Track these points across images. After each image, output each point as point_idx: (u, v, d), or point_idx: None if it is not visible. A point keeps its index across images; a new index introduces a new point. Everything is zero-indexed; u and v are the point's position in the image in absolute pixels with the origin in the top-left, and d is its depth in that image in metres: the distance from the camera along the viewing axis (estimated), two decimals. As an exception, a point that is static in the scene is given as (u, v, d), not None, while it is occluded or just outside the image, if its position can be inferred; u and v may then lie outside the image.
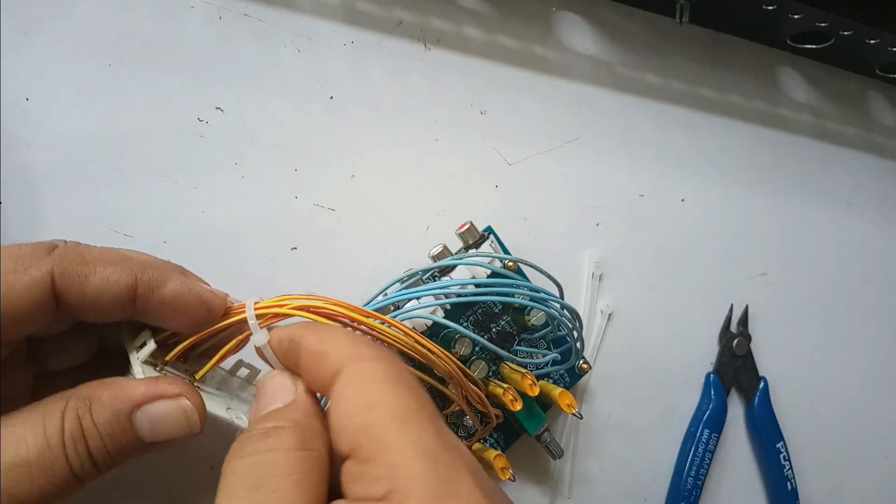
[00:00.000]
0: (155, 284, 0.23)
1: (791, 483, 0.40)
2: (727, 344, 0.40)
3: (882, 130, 0.46)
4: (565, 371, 0.35)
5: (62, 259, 0.22)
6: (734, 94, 0.42)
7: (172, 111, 0.31)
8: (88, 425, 0.21)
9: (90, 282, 0.22)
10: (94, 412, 0.22)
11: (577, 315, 0.31)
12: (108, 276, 0.22)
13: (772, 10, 0.37)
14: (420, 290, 0.29)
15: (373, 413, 0.20)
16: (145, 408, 0.22)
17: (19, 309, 0.21)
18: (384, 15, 0.35)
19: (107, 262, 0.22)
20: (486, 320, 0.33)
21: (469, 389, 0.28)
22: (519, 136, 0.37)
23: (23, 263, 0.21)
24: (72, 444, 0.21)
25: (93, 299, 0.22)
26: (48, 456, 0.21)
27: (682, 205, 0.40)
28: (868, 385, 0.44)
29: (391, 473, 0.19)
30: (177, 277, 0.23)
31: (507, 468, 0.31)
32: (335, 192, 0.33)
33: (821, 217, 0.44)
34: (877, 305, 0.45)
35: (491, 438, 0.33)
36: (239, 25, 0.32)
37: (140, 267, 0.23)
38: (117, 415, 0.22)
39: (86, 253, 0.22)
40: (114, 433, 0.22)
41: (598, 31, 0.39)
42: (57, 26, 0.30)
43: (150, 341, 0.24)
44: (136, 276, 0.22)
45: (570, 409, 0.32)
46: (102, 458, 0.22)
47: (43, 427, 0.21)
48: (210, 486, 0.31)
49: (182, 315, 0.23)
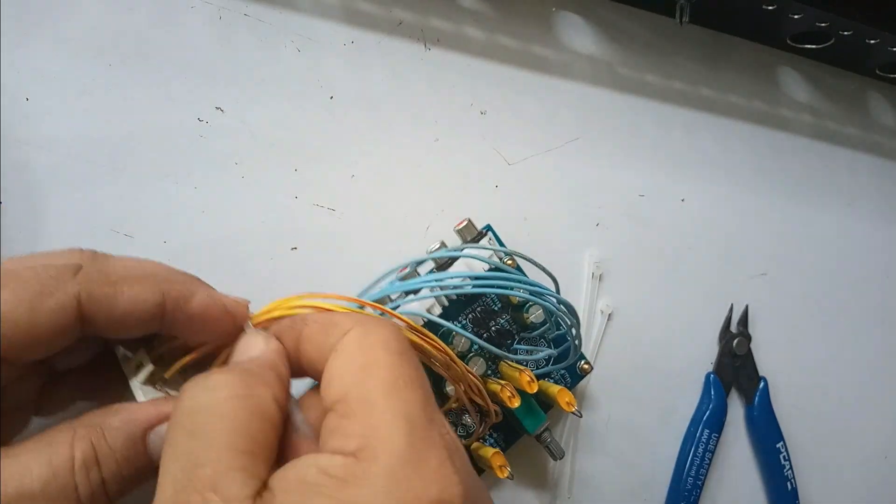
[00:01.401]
0: (183, 300, 0.22)
1: (791, 483, 0.40)
2: (727, 344, 0.40)
3: (882, 130, 0.46)
4: (566, 372, 0.35)
5: (88, 281, 0.21)
6: (734, 94, 0.42)
7: (172, 111, 0.31)
8: (104, 451, 0.21)
9: (118, 303, 0.21)
10: (108, 438, 0.21)
11: (573, 310, 0.31)
12: (136, 295, 0.21)
13: (772, 10, 0.37)
14: (415, 283, 0.29)
15: (365, 373, 0.20)
16: (158, 428, 0.22)
17: (43, 333, 0.20)
18: (384, 15, 0.35)
19: (133, 281, 0.22)
20: (485, 318, 0.33)
21: (468, 379, 0.28)
22: (519, 136, 0.37)
23: (49, 286, 0.20)
24: (83, 472, 0.20)
25: (121, 319, 0.21)
26: (54, 486, 0.20)
27: (682, 205, 0.40)
28: (868, 385, 0.44)
29: (367, 432, 0.19)
30: (202, 290, 0.23)
31: (504, 466, 0.31)
32: (335, 192, 0.33)
33: (821, 217, 0.44)
34: (877, 305, 0.45)
35: (491, 439, 0.33)
36: (239, 25, 0.32)
37: (167, 283, 0.22)
38: (132, 438, 0.21)
39: (111, 271, 0.22)
40: (129, 457, 0.21)
41: (598, 31, 0.39)
42: (57, 26, 0.30)
43: (147, 363, 0.24)
44: (164, 294, 0.22)
45: (569, 408, 0.32)
46: (116, 485, 0.21)
47: (49, 457, 0.20)
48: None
49: (209, 328, 0.23)
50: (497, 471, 0.31)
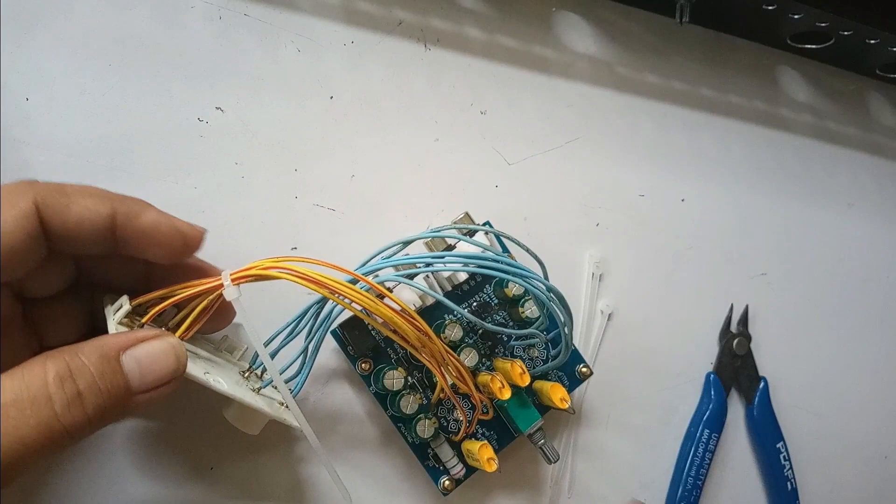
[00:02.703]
0: (133, 215, 0.24)
1: (791, 483, 0.40)
2: (727, 344, 0.40)
3: (882, 130, 0.46)
4: (564, 374, 0.35)
5: (44, 190, 0.23)
6: (734, 94, 0.42)
7: (172, 111, 0.31)
8: (78, 364, 0.21)
9: (71, 211, 0.23)
10: (81, 355, 0.22)
11: (562, 298, 0.30)
12: (88, 205, 0.23)
13: (772, 10, 0.37)
14: (403, 259, 0.29)
15: None
16: (131, 350, 0.22)
17: (16, 241, 0.22)
18: (384, 15, 0.35)
19: (86, 193, 0.24)
20: (480, 311, 0.33)
21: (445, 357, 0.28)
22: (519, 136, 0.37)
23: (9, 199, 0.22)
24: (57, 382, 0.21)
25: (75, 227, 0.23)
26: (27, 395, 0.20)
27: (682, 205, 0.40)
28: (868, 385, 0.44)
29: None
30: (153, 209, 0.25)
31: (493, 459, 0.31)
32: (335, 192, 0.33)
33: (821, 217, 0.44)
34: (877, 305, 0.45)
35: (483, 438, 0.33)
36: (239, 25, 0.32)
37: (118, 199, 0.24)
38: (105, 356, 0.22)
39: (65, 186, 0.24)
40: (105, 372, 0.22)
41: (598, 31, 0.39)
42: (57, 26, 0.30)
43: (126, 303, 0.25)
44: (114, 207, 0.24)
45: (563, 404, 0.31)
46: (94, 399, 0.21)
47: (21, 372, 0.21)
48: (210, 487, 0.31)
49: (160, 245, 0.25)
50: (485, 464, 0.30)
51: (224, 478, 0.30)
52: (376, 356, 0.31)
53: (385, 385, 0.30)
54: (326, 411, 0.32)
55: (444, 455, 0.32)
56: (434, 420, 0.31)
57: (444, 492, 0.32)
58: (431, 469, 0.32)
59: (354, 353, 0.31)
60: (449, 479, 0.32)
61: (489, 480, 0.34)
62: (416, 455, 0.32)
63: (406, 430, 0.31)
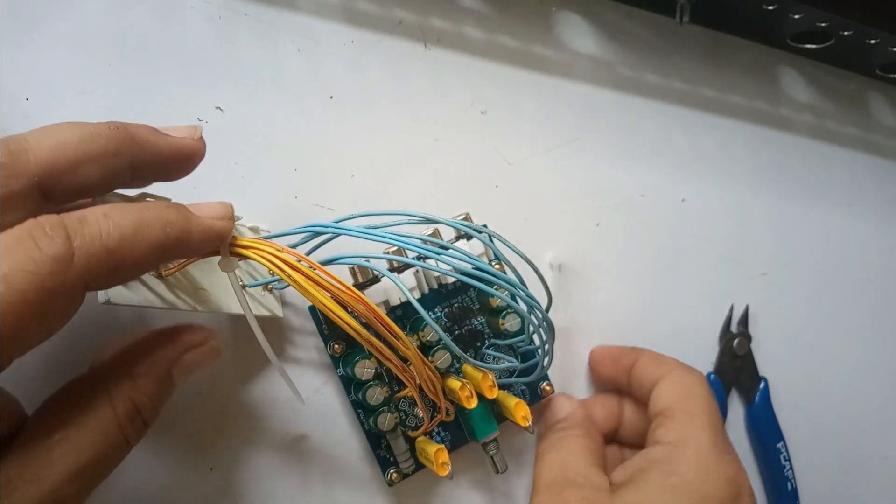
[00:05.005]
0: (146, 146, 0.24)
1: (791, 483, 0.40)
2: (727, 344, 0.40)
3: (882, 130, 0.46)
4: (527, 388, 0.34)
5: None
6: (734, 94, 0.42)
7: (172, 111, 0.31)
8: (142, 401, 0.23)
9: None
10: (140, 387, 0.23)
11: (552, 326, 0.29)
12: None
13: (772, 10, 0.37)
14: (379, 235, 0.27)
15: (689, 394, 0.32)
16: (181, 362, 0.24)
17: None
18: (384, 15, 0.35)
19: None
20: (460, 315, 0.33)
21: (424, 372, 0.28)
22: (519, 136, 0.37)
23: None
24: (129, 424, 0.22)
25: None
26: (105, 447, 0.22)
27: (682, 205, 0.40)
28: (868, 385, 0.44)
29: (685, 429, 0.31)
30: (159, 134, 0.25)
31: (447, 463, 0.30)
32: (335, 192, 0.33)
33: (821, 217, 0.44)
34: (877, 305, 0.45)
35: (438, 437, 0.33)
36: (239, 25, 0.32)
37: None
38: (160, 380, 0.24)
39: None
40: (162, 394, 0.24)
41: (598, 31, 0.39)
42: (57, 26, 0.30)
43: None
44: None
45: (524, 422, 0.31)
46: (153, 418, 0.24)
47: (93, 423, 0.22)
48: (210, 487, 0.31)
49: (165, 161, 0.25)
50: (438, 468, 0.30)
51: (224, 478, 0.30)
52: (350, 340, 0.30)
53: (356, 373, 0.30)
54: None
55: (397, 449, 0.31)
56: (396, 416, 0.30)
57: (390, 483, 0.31)
58: (382, 459, 0.31)
59: (329, 333, 0.31)
60: (397, 471, 0.31)
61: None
62: (368, 442, 0.31)
63: (365, 418, 0.31)
